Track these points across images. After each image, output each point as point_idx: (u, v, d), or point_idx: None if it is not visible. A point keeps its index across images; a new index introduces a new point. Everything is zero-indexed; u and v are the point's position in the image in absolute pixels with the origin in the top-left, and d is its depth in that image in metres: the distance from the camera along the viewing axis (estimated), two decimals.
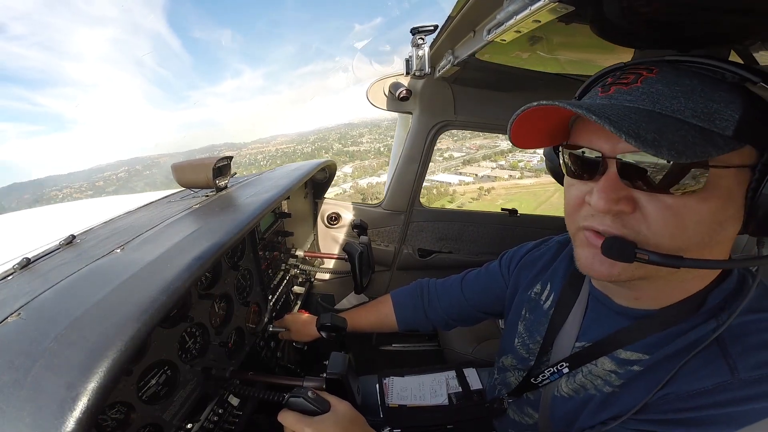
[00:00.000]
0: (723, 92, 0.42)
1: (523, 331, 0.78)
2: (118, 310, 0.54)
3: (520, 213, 1.89)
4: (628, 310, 0.59)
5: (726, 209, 0.44)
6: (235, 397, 0.88)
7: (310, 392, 0.70)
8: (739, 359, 0.47)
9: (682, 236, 0.45)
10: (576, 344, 0.65)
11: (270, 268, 1.26)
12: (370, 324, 1.08)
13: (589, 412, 0.60)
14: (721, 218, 0.45)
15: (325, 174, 1.75)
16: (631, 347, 0.56)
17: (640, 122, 0.39)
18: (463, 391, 1.10)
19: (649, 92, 0.44)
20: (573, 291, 0.69)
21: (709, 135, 0.41)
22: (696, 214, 0.44)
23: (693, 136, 0.40)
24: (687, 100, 0.42)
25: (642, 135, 0.37)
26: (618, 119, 0.39)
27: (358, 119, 30.62)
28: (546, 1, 0.53)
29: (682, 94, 0.42)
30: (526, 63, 1.13)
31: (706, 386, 0.47)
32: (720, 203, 0.44)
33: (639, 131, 0.38)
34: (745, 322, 0.49)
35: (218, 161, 1.18)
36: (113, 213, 1.22)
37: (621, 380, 0.57)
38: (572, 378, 0.64)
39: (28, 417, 0.41)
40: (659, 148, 0.37)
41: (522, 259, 0.86)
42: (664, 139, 0.38)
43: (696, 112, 0.42)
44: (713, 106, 0.42)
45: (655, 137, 0.38)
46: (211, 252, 0.72)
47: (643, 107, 0.43)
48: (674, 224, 0.44)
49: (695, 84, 0.43)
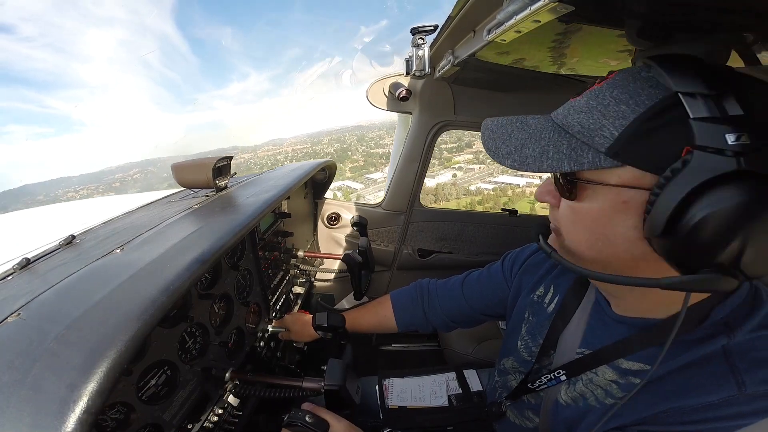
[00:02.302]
0: (626, 105, 0.41)
1: (526, 334, 0.77)
2: (118, 311, 0.54)
3: (520, 213, 1.89)
4: (626, 318, 0.58)
5: (611, 224, 0.45)
6: (235, 397, 0.88)
7: (308, 415, 0.71)
8: (747, 374, 0.46)
9: (575, 236, 0.51)
10: (578, 351, 0.64)
11: (270, 268, 1.25)
12: (369, 325, 1.08)
13: (589, 423, 0.59)
14: (606, 231, 0.46)
15: (325, 174, 1.75)
16: (633, 357, 0.55)
17: (514, 138, 0.50)
18: (463, 393, 1.09)
19: (575, 105, 0.47)
20: (577, 295, 0.68)
21: (580, 150, 0.44)
22: (581, 220, 0.49)
23: (558, 150, 0.45)
24: (585, 115, 0.44)
25: (500, 149, 0.50)
26: (494, 138, 0.52)
27: (367, 121, 30.44)
28: (546, 1, 0.53)
29: (588, 107, 0.44)
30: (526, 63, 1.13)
31: (713, 400, 0.47)
32: (602, 216, 0.46)
33: (500, 146, 0.50)
34: (753, 338, 0.48)
35: (218, 161, 1.17)
36: (113, 213, 1.22)
37: (623, 392, 0.56)
38: (572, 386, 0.63)
39: (28, 417, 0.41)
40: (505, 160, 0.49)
41: (526, 261, 0.85)
42: (517, 153, 0.48)
43: (584, 126, 0.44)
44: (601, 122, 0.42)
45: (510, 151, 0.49)
46: (211, 252, 0.72)
47: (554, 118, 0.50)
48: (570, 223, 0.51)
49: (612, 96, 0.42)
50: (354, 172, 21.13)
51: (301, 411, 0.72)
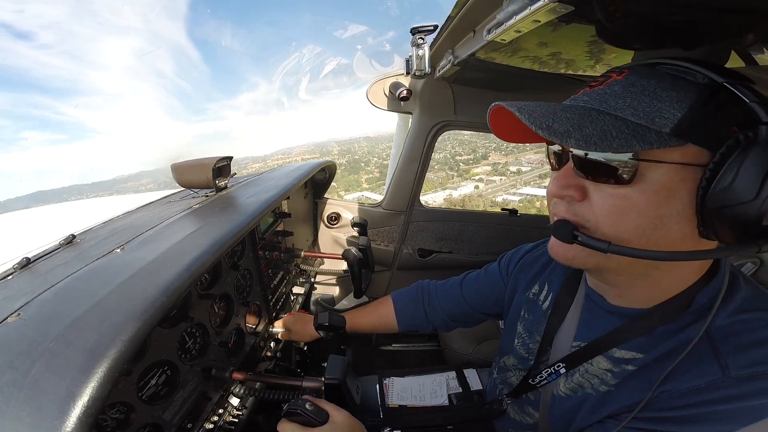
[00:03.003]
0: (676, 92, 0.44)
1: (523, 332, 0.79)
2: (118, 310, 0.54)
3: (520, 213, 1.89)
4: (619, 309, 0.60)
5: (668, 204, 0.45)
6: (235, 397, 0.88)
7: (308, 403, 0.70)
8: (730, 358, 0.48)
9: (622, 226, 0.47)
10: (573, 344, 0.66)
11: (270, 268, 1.25)
12: (370, 325, 1.08)
13: (585, 411, 0.61)
14: (662, 213, 0.46)
15: (325, 174, 1.75)
16: (625, 346, 0.58)
17: (563, 118, 0.44)
18: (463, 392, 1.10)
19: (604, 93, 0.47)
20: (569, 291, 0.70)
21: (642, 131, 0.43)
22: (634, 206, 0.46)
23: (619, 131, 0.43)
24: (633, 100, 0.45)
25: (554, 128, 0.43)
26: (540, 116, 0.44)
27: (374, 132, 30.24)
28: (546, 1, 0.53)
29: (632, 94, 0.45)
30: (526, 63, 1.13)
31: (699, 384, 0.49)
32: (658, 198, 0.45)
33: (553, 125, 0.43)
34: (735, 321, 0.50)
35: (218, 161, 1.17)
36: (113, 213, 1.22)
37: (616, 379, 0.58)
38: (570, 378, 0.65)
39: (28, 417, 0.41)
40: (567, 139, 0.42)
41: (520, 261, 0.87)
42: (578, 132, 0.43)
43: (637, 110, 0.44)
44: (657, 105, 0.44)
45: (568, 129, 0.43)
46: (211, 252, 0.72)
47: (590, 106, 0.47)
48: (615, 214, 0.47)
49: (651, 84, 0.45)
50: (371, 183, 21.08)
51: (301, 399, 0.71)
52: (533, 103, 0.47)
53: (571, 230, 0.49)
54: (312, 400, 0.72)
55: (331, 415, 0.71)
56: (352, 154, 27.13)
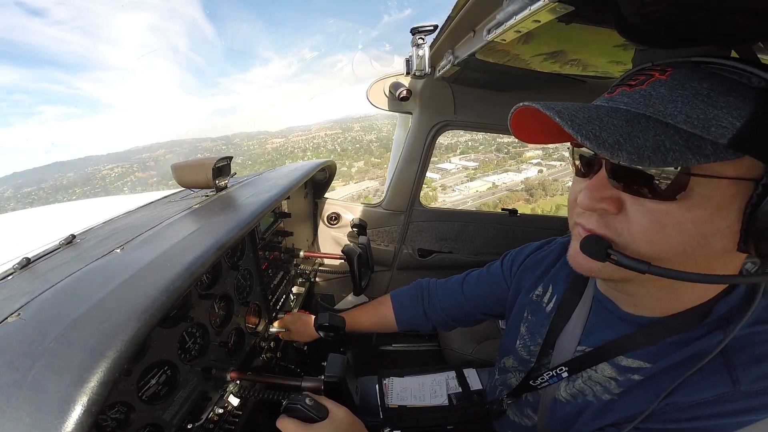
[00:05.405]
0: (733, 98, 0.38)
1: (525, 333, 0.78)
2: (117, 310, 0.54)
3: (520, 213, 1.89)
4: (631, 316, 0.58)
5: (714, 221, 0.41)
6: (235, 397, 0.88)
7: (308, 399, 0.70)
8: (742, 371, 0.46)
9: (662, 243, 0.43)
10: (577, 348, 0.65)
11: (270, 268, 1.25)
12: (369, 324, 1.08)
13: (586, 418, 0.60)
14: (706, 230, 0.42)
15: (325, 174, 1.75)
16: (633, 354, 0.56)
17: (610, 125, 0.39)
18: (463, 392, 1.10)
19: (648, 95, 0.42)
20: (576, 294, 0.69)
21: (697, 141, 0.38)
22: (678, 223, 0.42)
23: (673, 141, 0.38)
24: (684, 105, 0.39)
25: (603, 138, 0.37)
26: (584, 122, 0.38)
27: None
28: (546, 1, 0.53)
29: (683, 98, 0.40)
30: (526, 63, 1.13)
31: (707, 397, 0.47)
32: (706, 214, 0.41)
33: (601, 134, 0.37)
34: (749, 333, 0.48)
35: (218, 161, 1.17)
36: (113, 213, 1.22)
37: (620, 388, 0.56)
38: (572, 383, 0.64)
39: (28, 417, 0.41)
40: (618, 152, 0.37)
41: (525, 261, 0.85)
42: (629, 143, 0.37)
43: (690, 117, 0.39)
44: (713, 112, 0.38)
45: (618, 140, 0.37)
46: (211, 252, 0.72)
47: (634, 110, 0.42)
48: (654, 230, 0.43)
49: (704, 87, 0.40)
50: None
51: (301, 395, 0.71)
52: (568, 104, 0.42)
53: (605, 248, 0.44)
54: (312, 396, 0.71)
55: (331, 411, 0.71)
56: (378, 131, 25.01)
